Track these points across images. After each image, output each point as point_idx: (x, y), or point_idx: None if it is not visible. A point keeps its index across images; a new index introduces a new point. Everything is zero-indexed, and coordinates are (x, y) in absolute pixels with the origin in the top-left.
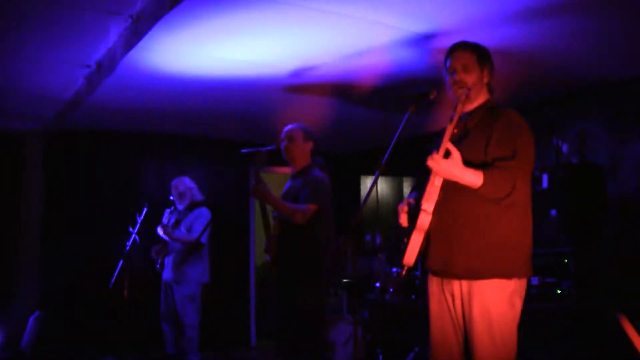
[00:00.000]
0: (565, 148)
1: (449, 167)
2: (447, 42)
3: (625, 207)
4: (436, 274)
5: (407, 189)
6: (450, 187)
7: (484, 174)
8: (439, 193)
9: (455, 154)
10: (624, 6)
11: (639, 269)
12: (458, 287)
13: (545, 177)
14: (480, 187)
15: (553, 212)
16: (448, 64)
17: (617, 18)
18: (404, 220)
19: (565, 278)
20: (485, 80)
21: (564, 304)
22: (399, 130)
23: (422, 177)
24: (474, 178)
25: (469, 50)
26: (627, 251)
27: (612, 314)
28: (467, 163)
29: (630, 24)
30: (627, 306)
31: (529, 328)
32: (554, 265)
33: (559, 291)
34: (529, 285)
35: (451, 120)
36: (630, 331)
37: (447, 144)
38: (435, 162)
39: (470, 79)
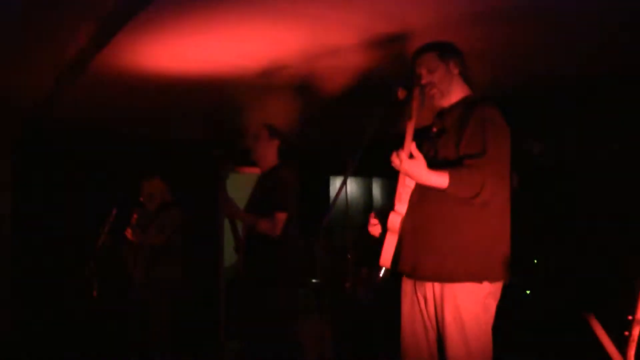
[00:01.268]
0: (534, 148)
1: (412, 167)
2: (416, 42)
3: (594, 207)
4: (408, 276)
5: (376, 189)
6: (422, 188)
7: (450, 175)
8: (412, 194)
9: (419, 157)
10: (590, 7)
11: (607, 269)
12: (430, 289)
13: (514, 178)
14: (446, 188)
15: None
16: (415, 71)
17: (584, 19)
18: (373, 230)
19: (534, 278)
20: (455, 71)
21: (533, 304)
22: (370, 130)
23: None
24: (439, 180)
25: (428, 51)
26: (596, 251)
27: (581, 314)
28: (444, 162)
29: (597, 24)
30: (595, 307)
31: (497, 329)
32: (523, 266)
33: (527, 291)
34: None
35: (409, 117)
36: (599, 332)
37: (409, 145)
38: (399, 160)
39: (435, 77)
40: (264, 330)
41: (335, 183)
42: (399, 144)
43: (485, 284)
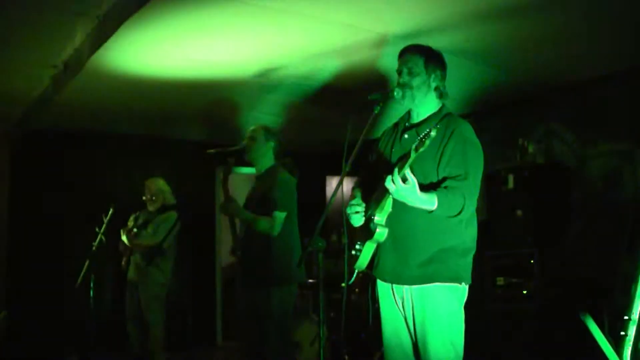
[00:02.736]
0: (531, 149)
1: (406, 192)
2: (411, 42)
3: (590, 207)
4: (387, 281)
5: None
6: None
7: (438, 198)
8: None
9: (412, 181)
10: (585, 8)
11: (603, 268)
12: (408, 291)
13: (511, 178)
14: (434, 210)
15: (519, 212)
16: (397, 66)
17: (579, 19)
18: (356, 219)
19: (531, 278)
20: (434, 84)
21: (530, 304)
22: (365, 130)
23: (367, 175)
24: (429, 202)
25: (417, 54)
26: (592, 251)
27: (578, 314)
28: (420, 174)
29: (592, 25)
30: (591, 306)
31: (495, 329)
32: (520, 266)
33: (524, 292)
34: (495, 286)
35: (415, 150)
36: (596, 331)
37: (406, 170)
38: (394, 186)
39: (414, 82)
40: (261, 330)
41: (332, 183)
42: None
43: (462, 285)
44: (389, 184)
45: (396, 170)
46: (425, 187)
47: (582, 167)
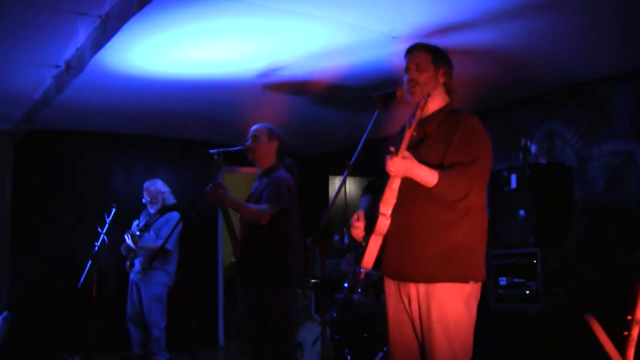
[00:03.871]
0: (533, 148)
1: (406, 165)
2: (414, 42)
3: (593, 207)
4: (392, 277)
5: None
6: (407, 192)
7: (440, 173)
8: (397, 196)
9: (409, 156)
10: (589, 8)
11: (606, 269)
12: (415, 289)
13: (513, 178)
14: (435, 186)
15: (521, 212)
16: (404, 63)
17: (582, 20)
18: (356, 232)
19: (534, 278)
20: (441, 80)
21: (532, 304)
22: (367, 130)
23: (375, 179)
24: (430, 176)
25: (424, 51)
26: (595, 251)
27: (580, 314)
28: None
29: (596, 25)
30: (594, 306)
31: (497, 329)
32: (522, 266)
33: (527, 292)
34: (497, 286)
35: (409, 125)
36: (598, 331)
37: (403, 150)
38: (395, 163)
39: (422, 77)
40: (263, 331)
41: (334, 183)
42: (385, 145)
43: (470, 283)
44: (390, 163)
45: (392, 152)
46: None
47: (584, 167)
